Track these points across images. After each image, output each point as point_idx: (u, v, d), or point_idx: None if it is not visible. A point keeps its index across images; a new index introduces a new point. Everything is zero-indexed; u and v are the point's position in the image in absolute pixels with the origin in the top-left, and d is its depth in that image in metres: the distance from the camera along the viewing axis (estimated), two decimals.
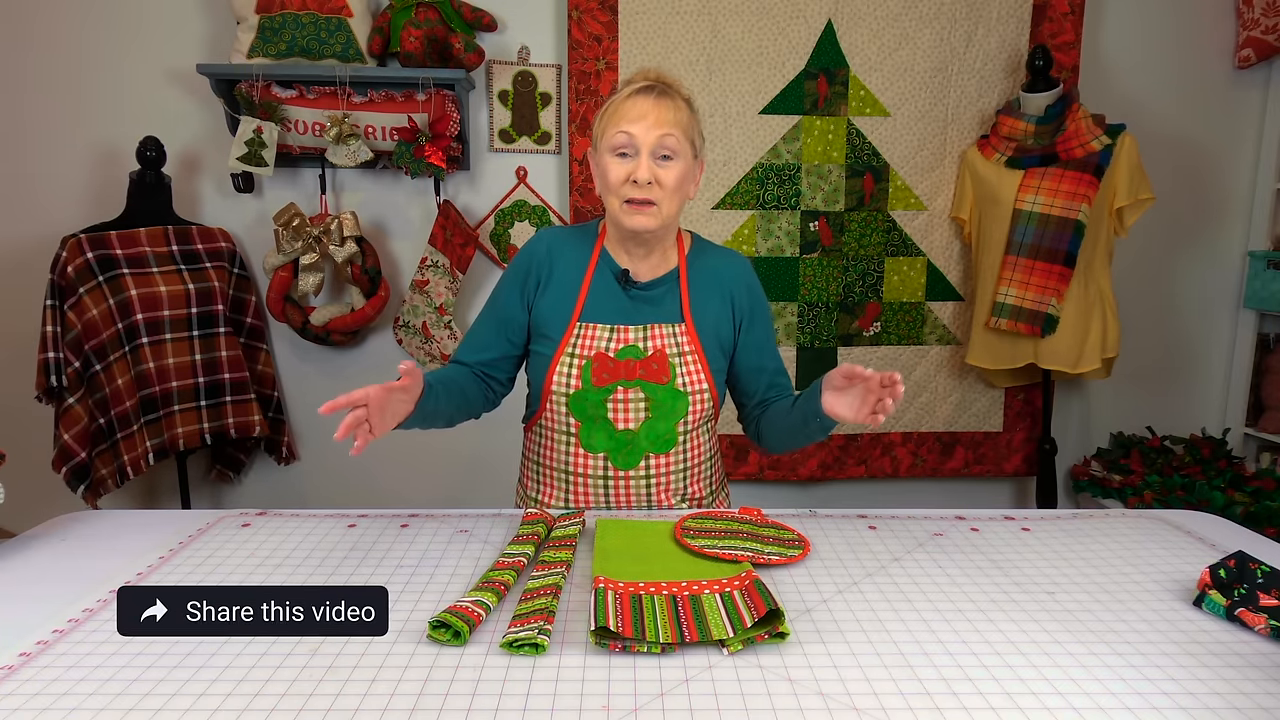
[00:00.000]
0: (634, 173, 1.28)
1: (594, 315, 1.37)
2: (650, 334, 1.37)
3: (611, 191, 1.31)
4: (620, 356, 1.35)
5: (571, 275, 1.39)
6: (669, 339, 1.37)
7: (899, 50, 2.58)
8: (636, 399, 1.35)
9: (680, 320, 1.39)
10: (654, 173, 1.28)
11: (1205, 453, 2.70)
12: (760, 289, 1.47)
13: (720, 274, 1.42)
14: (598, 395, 1.34)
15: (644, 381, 1.34)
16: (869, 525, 1.33)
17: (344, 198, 2.61)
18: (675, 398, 1.35)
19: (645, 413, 1.35)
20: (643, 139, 1.27)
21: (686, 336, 1.38)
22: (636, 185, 1.28)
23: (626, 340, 1.36)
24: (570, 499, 1.41)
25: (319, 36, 2.38)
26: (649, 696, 0.84)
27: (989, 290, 2.53)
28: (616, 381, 1.34)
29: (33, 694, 0.84)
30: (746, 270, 1.45)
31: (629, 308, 1.38)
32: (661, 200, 1.30)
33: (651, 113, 1.27)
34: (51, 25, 2.48)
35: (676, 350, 1.36)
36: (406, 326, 2.56)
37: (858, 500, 2.84)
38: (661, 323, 1.38)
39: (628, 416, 1.36)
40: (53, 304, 2.18)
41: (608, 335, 1.36)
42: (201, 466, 2.68)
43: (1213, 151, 2.81)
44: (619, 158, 1.30)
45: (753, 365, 1.45)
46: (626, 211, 1.31)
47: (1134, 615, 1.04)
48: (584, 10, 2.49)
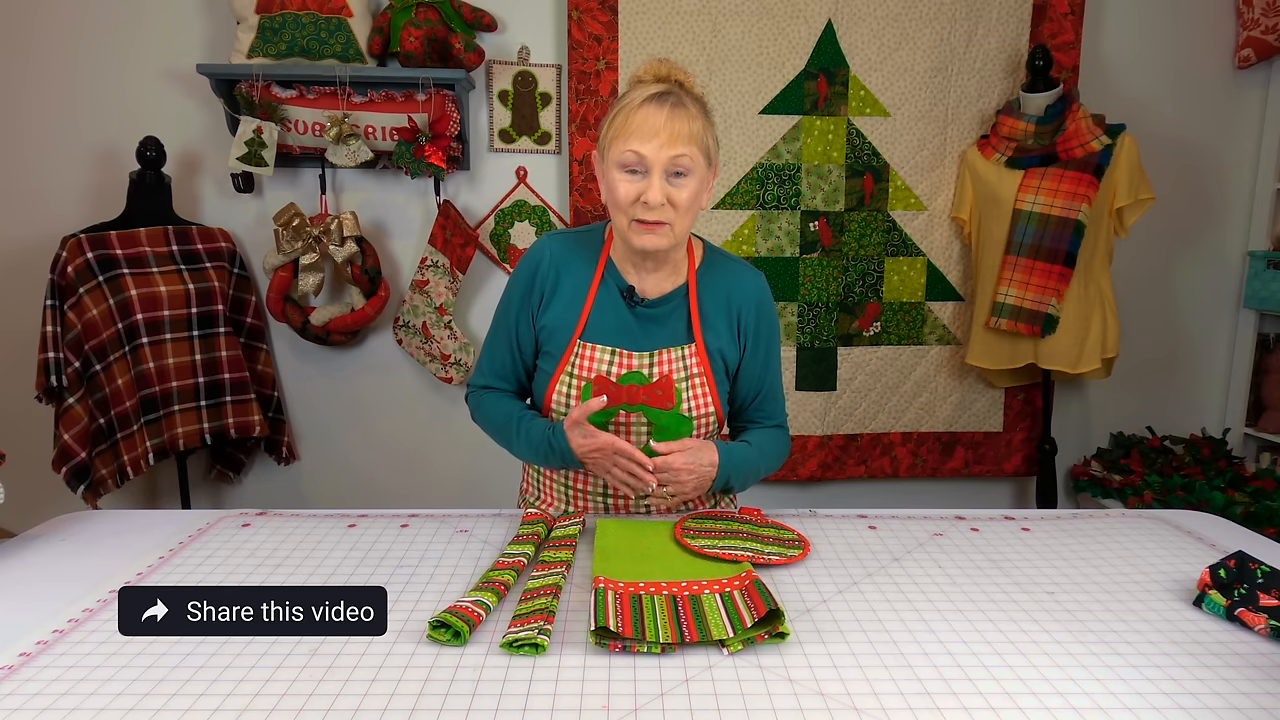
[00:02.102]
0: (645, 193, 1.19)
1: (596, 335, 1.31)
2: (657, 359, 1.30)
3: (620, 209, 1.23)
4: (623, 381, 1.28)
5: (576, 289, 1.32)
6: (677, 362, 1.30)
7: (899, 50, 2.58)
8: (639, 423, 1.30)
9: (689, 341, 1.32)
10: (667, 193, 1.20)
11: (1205, 453, 2.70)
12: (772, 310, 1.39)
13: (731, 292, 1.34)
14: (599, 418, 1.28)
15: (647, 407, 1.28)
16: (869, 525, 1.33)
17: (344, 198, 2.61)
18: (680, 423, 1.29)
19: (648, 436, 1.30)
20: (654, 159, 1.18)
21: (696, 358, 1.31)
22: (647, 207, 1.20)
23: (630, 366, 1.29)
24: (570, 509, 1.40)
25: (319, 36, 2.38)
26: (649, 696, 0.84)
27: (989, 290, 2.53)
28: (618, 406, 1.28)
29: (33, 694, 0.84)
30: (759, 289, 1.37)
31: (634, 328, 1.31)
32: (674, 220, 1.22)
33: (664, 129, 1.18)
34: (51, 25, 2.48)
35: (684, 374, 1.30)
36: (406, 326, 2.56)
37: (858, 500, 2.84)
38: (669, 347, 1.31)
39: (629, 439, 1.30)
40: (53, 304, 2.18)
41: (609, 358, 1.30)
42: (201, 466, 2.68)
43: (1213, 151, 2.81)
44: (628, 174, 1.21)
45: (746, 388, 1.38)
46: (636, 231, 1.23)
47: (1134, 615, 1.04)
48: (584, 10, 2.49)
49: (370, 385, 2.71)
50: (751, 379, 1.37)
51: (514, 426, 1.33)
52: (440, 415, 2.74)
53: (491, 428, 1.38)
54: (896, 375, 2.74)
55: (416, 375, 2.71)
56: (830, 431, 2.72)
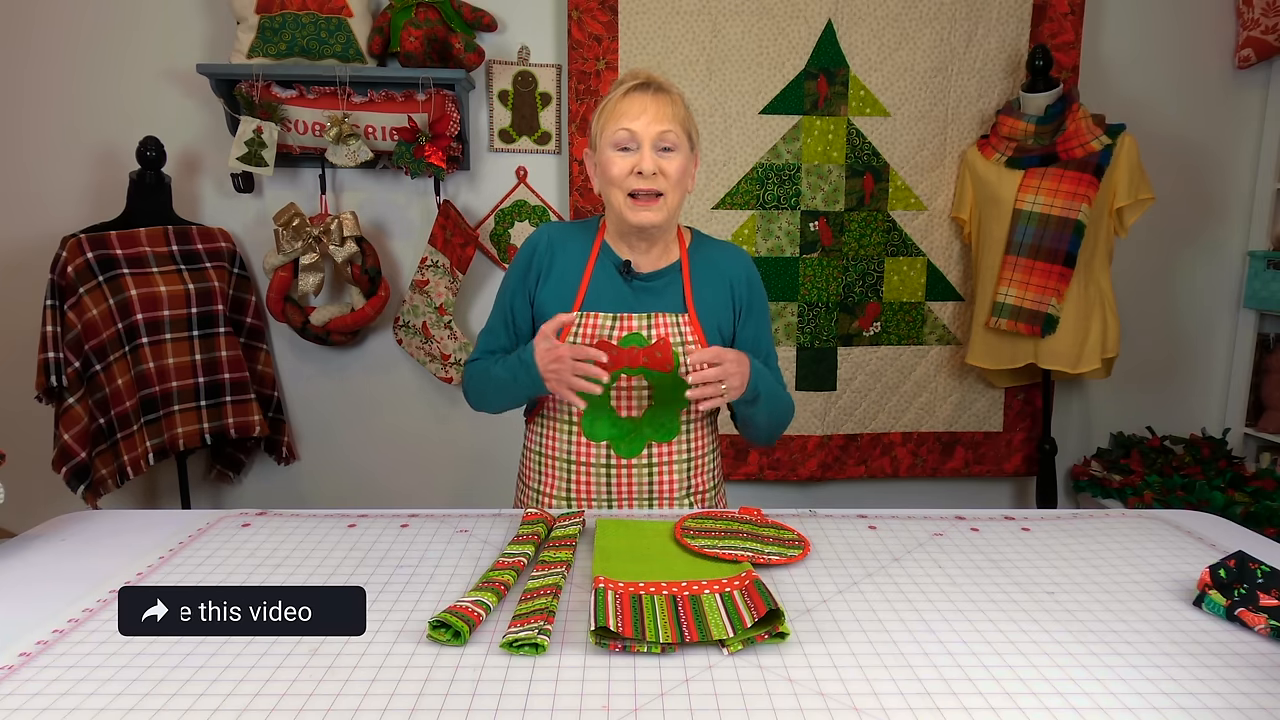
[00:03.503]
0: (638, 164, 1.30)
1: (596, 305, 1.38)
2: (654, 322, 1.37)
3: (615, 185, 1.32)
4: (624, 344, 1.35)
5: (572, 267, 1.40)
6: (673, 328, 1.37)
7: (899, 50, 2.58)
8: (640, 386, 1.36)
9: (683, 310, 1.39)
10: (658, 164, 1.30)
11: (1205, 453, 2.70)
12: (759, 281, 1.48)
13: (721, 265, 1.44)
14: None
15: (648, 370, 1.35)
16: (869, 525, 1.33)
17: (344, 198, 2.61)
18: (679, 386, 1.35)
19: (648, 400, 1.37)
20: (644, 133, 1.29)
21: (690, 326, 1.38)
22: (642, 177, 1.30)
23: (630, 328, 1.36)
24: (571, 489, 1.41)
25: (319, 36, 2.38)
26: (649, 696, 0.84)
27: (989, 290, 2.53)
28: (619, 369, 1.35)
29: (33, 694, 0.84)
30: (746, 262, 1.47)
31: (631, 298, 1.39)
32: (667, 191, 1.32)
33: (651, 108, 1.30)
34: (51, 25, 2.48)
35: (680, 339, 1.37)
36: (406, 326, 2.56)
37: (858, 500, 2.84)
38: (665, 311, 1.38)
39: (630, 404, 1.37)
40: (53, 304, 2.18)
41: (610, 323, 1.37)
42: (201, 466, 2.68)
43: (1213, 151, 2.81)
44: (621, 152, 1.31)
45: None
46: (631, 207, 1.32)
47: (1134, 615, 1.03)
48: (584, 10, 2.49)
49: (370, 385, 2.71)
50: (751, 345, 1.45)
51: (492, 364, 1.40)
52: (440, 415, 2.74)
53: (474, 385, 1.45)
54: (896, 375, 2.74)
55: (416, 375, 2.71)
56: (830, 431, 2.72)
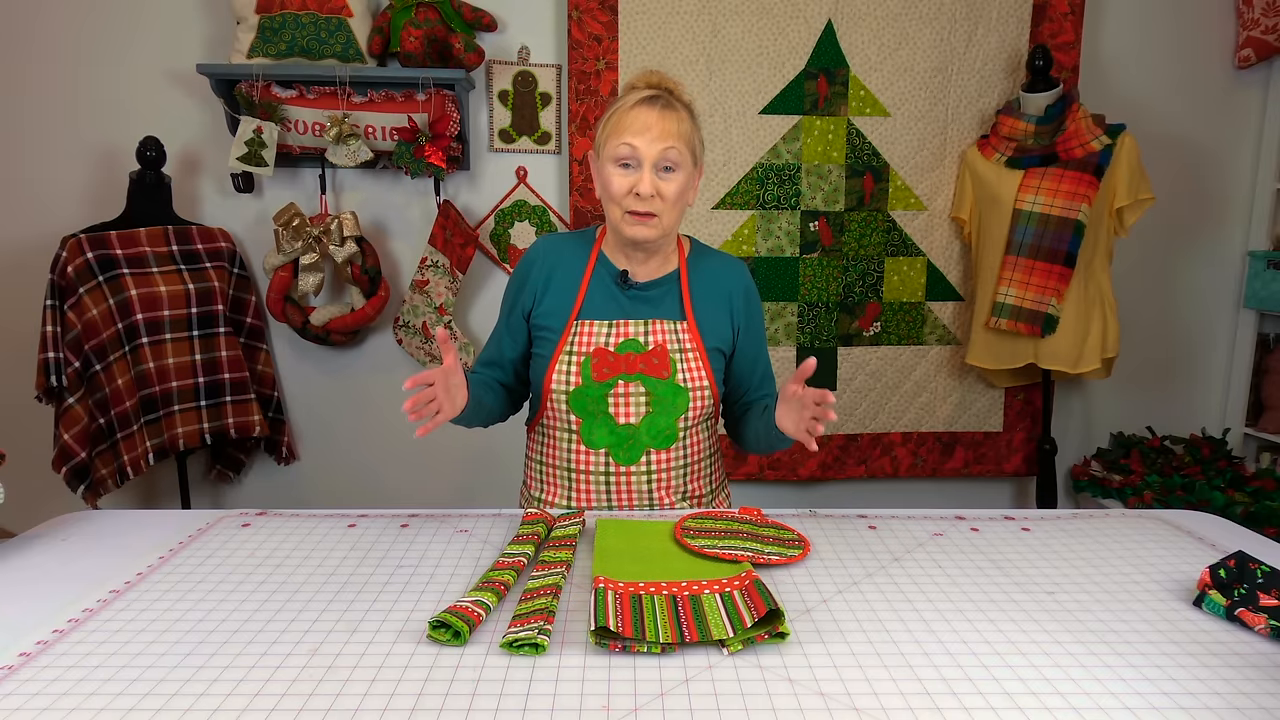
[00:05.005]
0: (637, 185, 1.30)
1: (592, 313, 1.39)
2: (651, 328, 1.38)
3: (614, 201, 1.33)
4: (620, 350, 1.36)
5: (570, 277, 1.41)
6: (670, 335, 1.38)
7: (899, 50, 2.58)
8: (637, 393, 1.36)
9: (681, 318, 1.40)
10: (656, 186, 1.30)
11: (1205, 453, 2.70)
12: (756, 295, 1.49)
13: (720, 278, 1.44)
14: (598, 390, 1.35)
15: (644, 376, 1.36)
16: (869, 525, 1.33)
17: (344, 198, 2.61)
18: (676, 393, 1.36)
19: (646, 407, 1.37)
20: (646, 152, 1.29)
21: (688, 334, 1.39)
22: (639, 198, 1.30)
23: (626, 334, 1.37)
24: (572, 497, 1.42)
25: (319, 36, 2.38)
26: (649, 696, 0.84)
27: (989, 290, 2.53)
28: (617, 376, 1.35)
29: (33, 694, 0.84)
30: (744, 276, 1.47)
31: (628, 306, 1.39)
32: (663, 212, 1.32)
33: (655, 125, 1.29)
34: (51, 25, 2.48)
35: (677, 346, 1.37)
36: (406, 326, 2.56)
37: (858, 500, 2.84)
38: (662, 318, 1.39)
39: (629, 411, 1.37)
40: (53, 304, 2.18)
41: (607, 330, 1.37)
42: (201, 466, 2.68)
43: (1213, 151, 2.81)
44: (622, 168, 1.31)
45: (745, 370, 1.47)
46: (628, 221, 1.33)
47: (1134, 615, 1.04)
48: (584, 10, 2.49)
49: (370, 385, 2.71)
50: (748, 360, 1.47)
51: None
52: None
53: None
54: (896, 375, 2.74)
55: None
56: (830, 431, 2.72)
